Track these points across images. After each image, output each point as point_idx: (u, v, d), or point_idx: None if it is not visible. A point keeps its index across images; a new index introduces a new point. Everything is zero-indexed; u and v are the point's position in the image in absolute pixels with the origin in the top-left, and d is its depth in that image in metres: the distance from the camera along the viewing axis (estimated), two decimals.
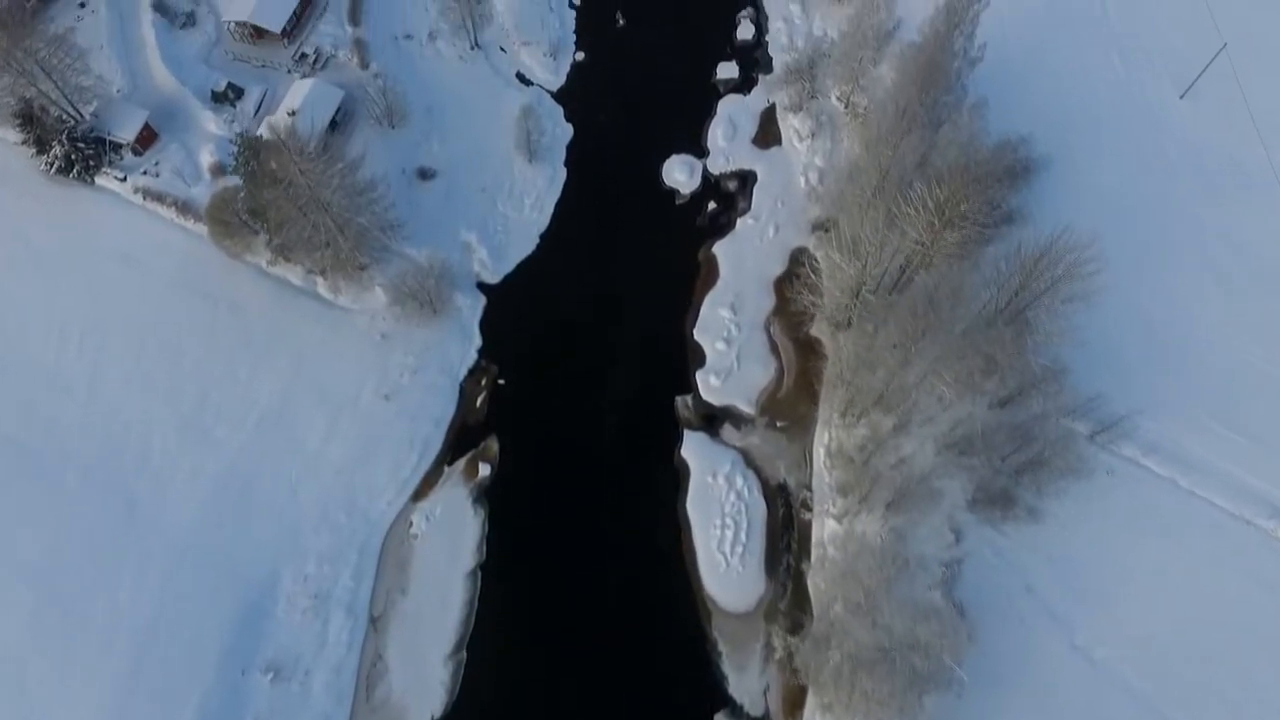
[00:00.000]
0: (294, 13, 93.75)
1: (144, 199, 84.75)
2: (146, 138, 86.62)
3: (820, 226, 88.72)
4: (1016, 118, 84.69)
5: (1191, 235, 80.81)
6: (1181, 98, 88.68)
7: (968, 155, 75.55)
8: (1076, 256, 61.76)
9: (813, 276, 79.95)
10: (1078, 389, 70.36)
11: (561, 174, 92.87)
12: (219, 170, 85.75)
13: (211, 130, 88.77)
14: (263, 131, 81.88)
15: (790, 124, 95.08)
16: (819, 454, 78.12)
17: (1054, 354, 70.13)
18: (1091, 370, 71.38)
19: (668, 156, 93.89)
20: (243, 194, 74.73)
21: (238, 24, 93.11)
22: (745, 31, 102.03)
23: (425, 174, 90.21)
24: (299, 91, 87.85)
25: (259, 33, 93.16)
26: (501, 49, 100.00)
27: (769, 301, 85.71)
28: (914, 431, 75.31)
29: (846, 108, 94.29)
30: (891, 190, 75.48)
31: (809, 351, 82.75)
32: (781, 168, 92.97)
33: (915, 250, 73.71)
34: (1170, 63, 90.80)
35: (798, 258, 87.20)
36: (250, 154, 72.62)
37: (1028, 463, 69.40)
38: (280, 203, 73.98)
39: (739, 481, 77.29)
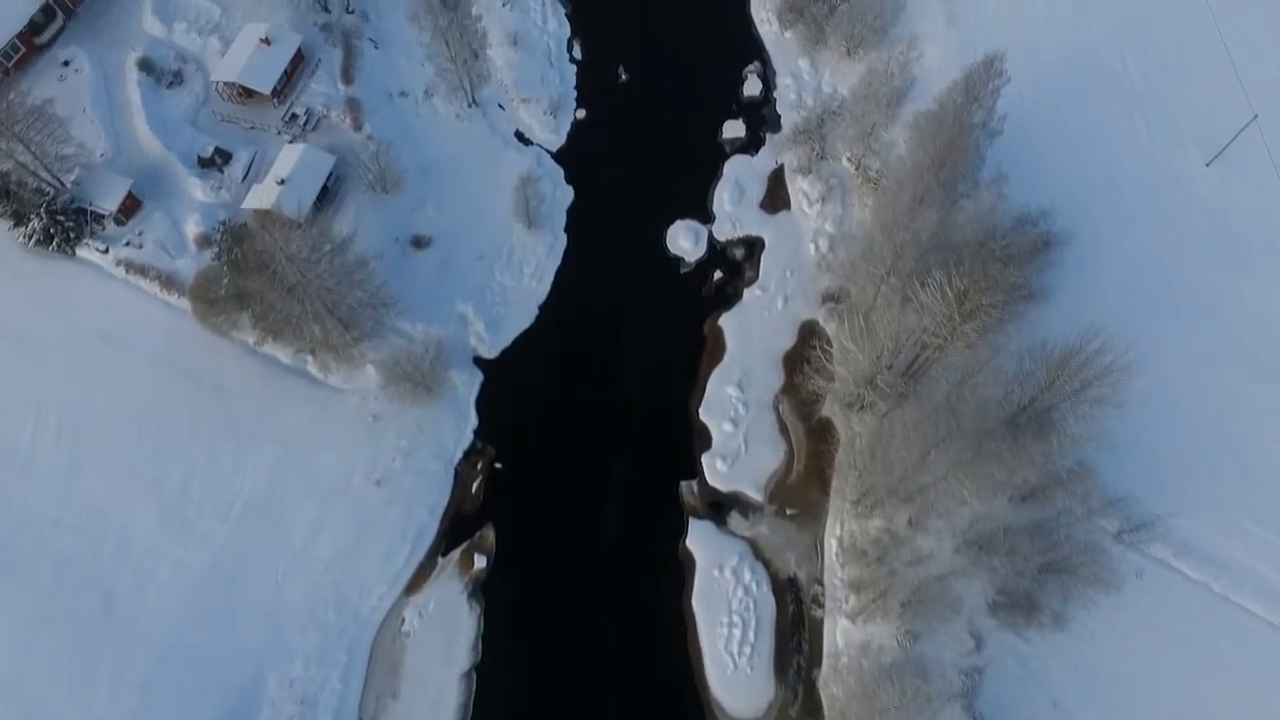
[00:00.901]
0: (284, 71, 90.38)
1: (126, 272, 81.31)
2: (130, 206, 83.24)
3: (831, 298, 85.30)
4: (1036, 187, 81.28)
5: (1223, 318, 76.99)
6: (1208, 165, 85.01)
7: (986, 232, 72.12)
8: (1110, 362, 57.97)
9: (823, 360, 76.27)
10: (1105, 488, 66.73)
11: (562, 240, 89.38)
12: (204, 241, 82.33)
13: (198, 198, 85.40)
14: (249, 210, 78.66)
15: (799, 187, 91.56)
16: (831, 545, 74.51)
17: (1080, 454, 66.35)
18: (1120, 467, 67.75)
19: (672, 222, 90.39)
20: (226, 281, 71.16)
21: (226, 84, 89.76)
22: (752, 87, 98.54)
23: (420, 242, 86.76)
24: (289, 158, 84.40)
25: (248, 93, 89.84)
26: (500, 106, 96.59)
27: (778, 379, 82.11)
28: (931, 526, 71.78)
29: (857, 170, 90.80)
30: (906, 271, 71.99)
31: (820, 433, 79.03)
32: (790, 234, 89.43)
33: (932, 340, 70.07)
34: (1195, 126, 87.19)
35: (807, 333, 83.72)
36: (233, 243, 69.20)
37: (1052, 567, 65.63)
38: (266, 288, 70.46)
39: (747, 575, 73.64)
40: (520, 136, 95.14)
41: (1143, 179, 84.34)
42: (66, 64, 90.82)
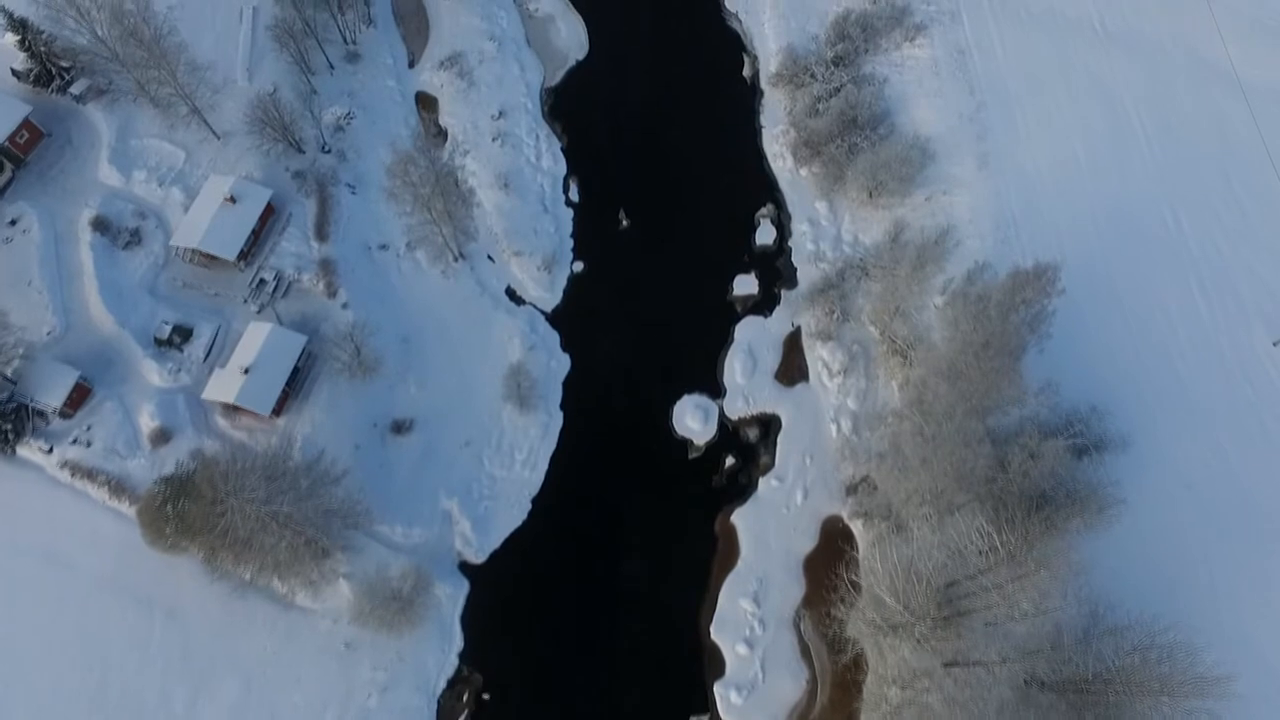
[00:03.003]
0: (252, 231, 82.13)
1: (72, 476, 73.01)
2: (78, 397, 74.98)
3: (855, 489, 76.99)
4: (1086, 375, 73.15)
5: None
6: (1277, 345, 76.53)
7: (1034, 429, 63.72)
8: (1189, 665, 49.54)
9: (848, 588, 67.82)
10: None
11: (557, 420, 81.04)
12: (160, 437, 74.16)
13: (154, 383, 77.19)
14: (209, 402, 70.66)
15: (818, 355, 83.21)
16: None
17: None
18: None
19: (679, 396, 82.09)
20: (172, 526, 62.73)
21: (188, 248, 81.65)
22: (765, 235, 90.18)
23: (400, 427, 78.44)
24: (254, 339, 76.11)
25: (212, 258, 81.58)
26: (490, 258, 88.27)
27: (798, 588, 73.82)
28: None
29: (883, 336, 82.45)
30: (945, 503, 63.74)
31: (846, 657, 70.54)
32: (809, 411, 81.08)
33: (973, 582, 61.71)
34: (1260, 298, 78.94)
35: (830, 533, 75.51)
36: (176, 495, 60.87)
37: None
38: (219, 524, 62.13)
39: None
40: (512, 294, 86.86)
41: (1204, 363, 75.83)
42: (14, 223, 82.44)
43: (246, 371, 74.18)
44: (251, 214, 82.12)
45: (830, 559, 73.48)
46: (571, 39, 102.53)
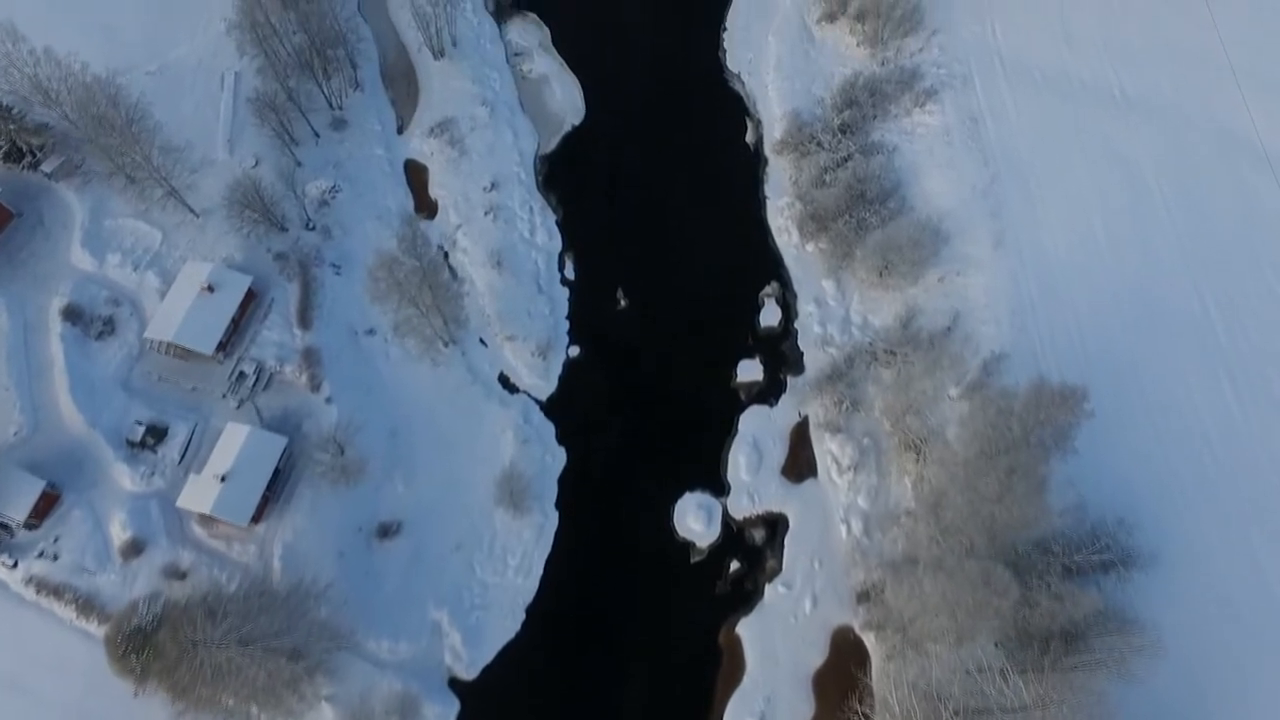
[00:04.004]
0: (231, 320, 78.14)
1: (38, 593, 69.10)
2: (44, 506, 71.02)
3: (866, 597, 72.94)
4: (1110, 479, 69.33)
5: None
6: None
7: (1060, 592, 59.49)
8: None
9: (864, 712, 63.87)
10: None
11: (553, 520, 76.97)
12: (132, 549, 70.26)
13: (126, 487, 73.26)
14: (185, 511, 66.91)
15: (826, 448, 79.11)
16: None
17: None
18: None
19: (681, 494, 78.03)
20: (138, 668, 58.66)
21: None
22: (770, 315, 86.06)
23: (387, 530, 74.45)
24: (232, 442, 72.09)
25: (188, 350, 77.56)
26: (482, 341, 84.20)
27: (808, 707, 69.84)
28: None
29: (894, 427, 78.36)
30: (963, 630, 59.70)
31: None
32: (817, 510, 77.05)
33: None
34: None
35: (841, 645, 71.46)
36: (141, 646, 56.79)
37: None
38: (189, 666, 58.08)
39: None
40: (505, 381, 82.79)
41: (1237, 466, 71.66)
42: None
43: (223, 479, 70.17)
44: (230, 303, 78.15)
45: (841, 676, 69.52)
46: (567, 102, 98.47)
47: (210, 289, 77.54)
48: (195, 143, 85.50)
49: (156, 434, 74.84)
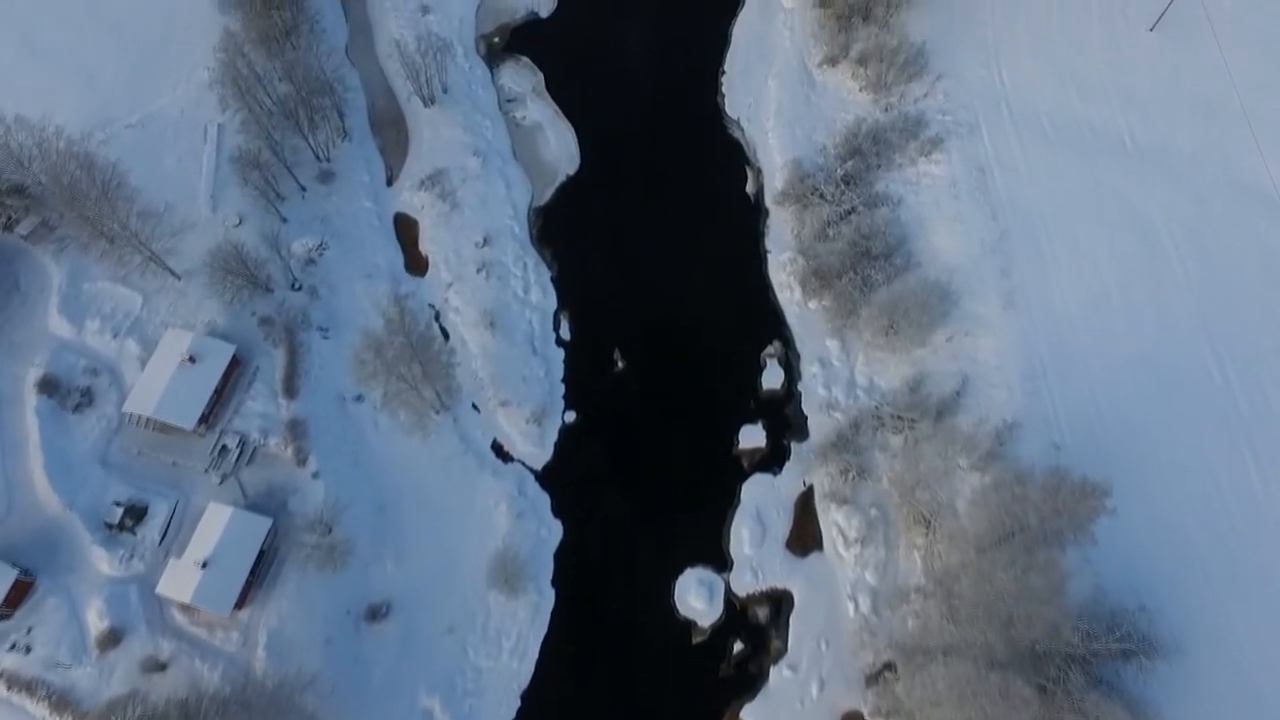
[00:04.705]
0: (214, 391, 75.23)
1: (9, 689, 66.10)
2: (16, 595, 68.09)
3: (875, 679, 70.19)
4: (1129, 560, 66.66)
5: None
6: None
7: (1081, 706, 56.70)
8: None
9: None
10: None
11: (549, 599, 74.17)
12: (109, 639, 67.38)
13: (103, 571, 70.43)
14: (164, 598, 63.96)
15: (832, 519, 76.35)
16: None
17: None
18: None
19: (682, 570, 75.32)
20: None
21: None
22: (773, 377, 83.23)
23: (376, 613, 71.60)
24: (214, 525, 69.27)
25: (169, 424, 74.64)
26: (475, 407, 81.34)
27: None
28: None
29: (902, 498, 75.57)
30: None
31: None
32: (824, 586, 74.31)
33: None
34: None
35: None
36: None
37: None
38: None
39: None
40: (498, 449, 79.91)
41: (1258, 541, 68.94)
42: None
43: (204, 565, 67.31)
44: (213, 374, 75.29)
45: None
46: (561, 151, 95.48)
47: (192, 359, 74.69)
48: (176, 203, 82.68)
49: (135, 514, 71.95)
